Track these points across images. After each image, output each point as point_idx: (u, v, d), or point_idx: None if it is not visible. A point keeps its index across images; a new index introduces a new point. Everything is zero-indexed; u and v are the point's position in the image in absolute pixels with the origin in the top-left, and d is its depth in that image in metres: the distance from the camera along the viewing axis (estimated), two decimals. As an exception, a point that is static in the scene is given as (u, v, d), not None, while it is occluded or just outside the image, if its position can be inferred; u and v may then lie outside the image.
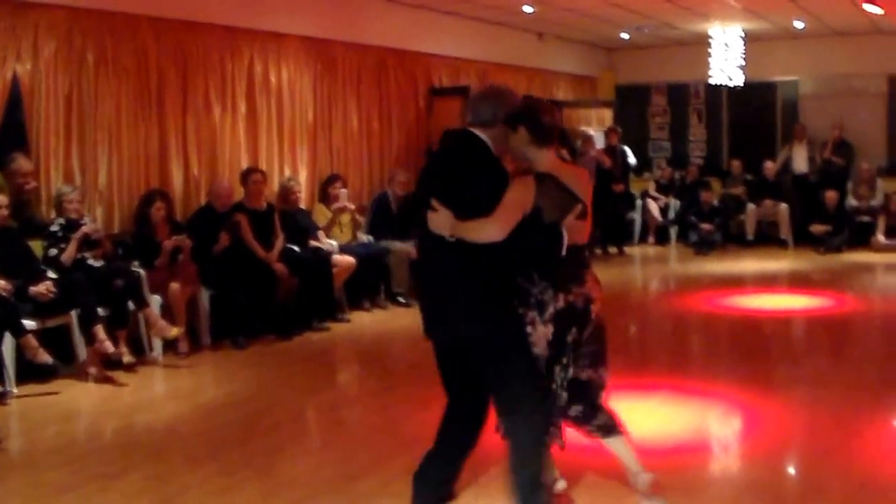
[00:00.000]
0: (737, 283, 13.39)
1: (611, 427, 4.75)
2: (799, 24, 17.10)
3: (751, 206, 16.95)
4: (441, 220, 4.33)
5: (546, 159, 4.54)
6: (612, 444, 4.79)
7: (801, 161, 17.56)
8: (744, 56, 17.29)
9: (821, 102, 18.71)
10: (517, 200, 4.30)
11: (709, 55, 17.29)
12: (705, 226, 16.37)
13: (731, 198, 17.32)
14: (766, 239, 16.83)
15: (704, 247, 16.11)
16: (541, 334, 4.50)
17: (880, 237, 15.77)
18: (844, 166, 17.18)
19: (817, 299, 11.80)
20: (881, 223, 15.89)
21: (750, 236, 16.86)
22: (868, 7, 13.45)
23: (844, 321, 10.65)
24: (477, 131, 4.46)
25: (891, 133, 18.55)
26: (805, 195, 16.96)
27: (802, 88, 19.28)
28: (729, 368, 8.47)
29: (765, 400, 7.09)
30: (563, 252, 4.37)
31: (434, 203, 4.35)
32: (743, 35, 17.22)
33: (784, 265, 15.00)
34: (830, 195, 16.27)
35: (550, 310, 4.50)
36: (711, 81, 17.60)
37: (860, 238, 15.96)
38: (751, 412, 6.87)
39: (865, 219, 16.19)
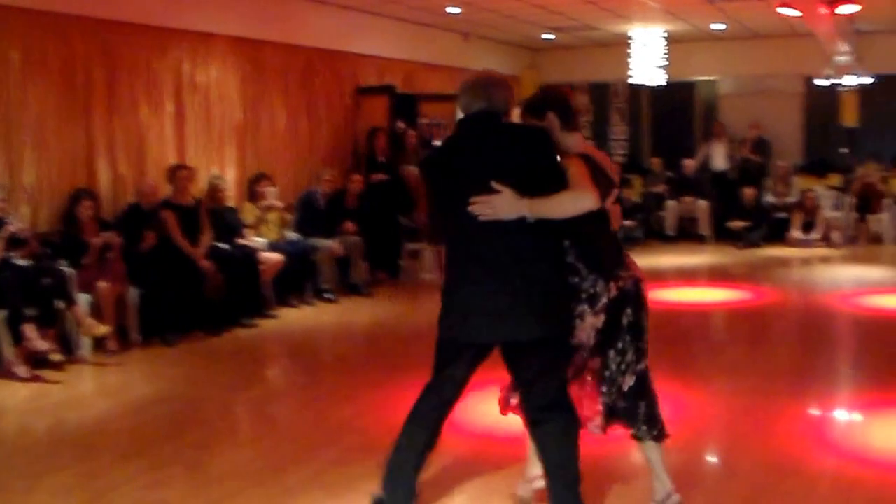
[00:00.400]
0: (658, 277, 13.65)
1: (661, 432, 4.69)
2: (718, 27, 17.49)
3: (671, 203, 17.31)
4: (508, 202, 4.07)
5: (578, 142, 4.51)
6: (651, 450, 4.71)
7: (720, 159, 17.97)
8: (664, 56, 17.68)
9: (739, 102, 19.19)
10: (584, 174, 4.19)
11: (630, 56, 17.63)
12: (627, 222, 16.67)
13: (653, 195, 17.68)
14: (687, 234, 17.23)
15: (626, 243, 16.32)
16: (588, 325, 4.43)
17: (796, 233, 16.22)
18: (762, 164, 17.63)
19: (736, 292, 12.14)
20: (797, 219, 16.34)
21: (670, 232, 17.23)
22: (783, 10, 13.79)
23: (761, 313, 10.97)
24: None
25: (806, 132, 19.11)
26: (724, 192, 17.36)
27: (722, 88, 19.78)
28: (650, 359, 8.68)
29: (685, 389, 7.29)
30: (615, 232, 4.46)
31: (496, 185, 4.07)
32: (664, 36, 17.60)
33: (703, 259, 15.37)
34: (748, 192, 16.69)
35: (603, 300, 4.41)
36: (633, 81, 17.98)
37: (777, 233, 16.40)
38: (671, 401, 7.07)
39: (782, 215, 16.64)
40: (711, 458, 5.99)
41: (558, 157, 4.29)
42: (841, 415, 7.04)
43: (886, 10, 15.76)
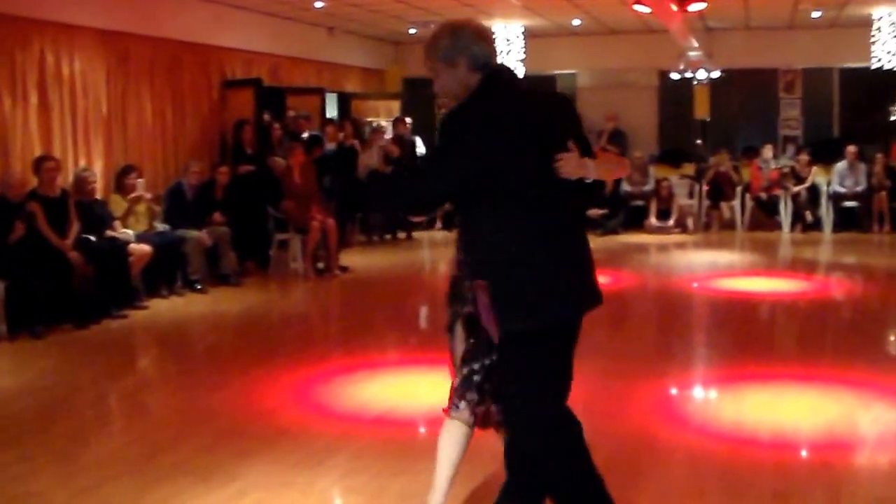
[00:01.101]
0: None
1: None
2: (576, 22, 18.03)
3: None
4: (582, 161, 3.69)
5: None
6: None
7: (579, 149, 18.49)
8: (524, 51, 18.16)
9: (597, 95, 19.76)
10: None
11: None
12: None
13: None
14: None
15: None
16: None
17: (652, 220, 16.88)
18: (619, 154, 18.21)
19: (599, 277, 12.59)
20: (653, 207, 17.00)
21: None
22: (638, 7, 14.33)
23: (621, 297, 11.38)
24: None
25: (661, 124, 19.85)
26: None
27: (580, 81, 20.38)
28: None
29: None
30: None
31: (571, 145, 3.67)
32: (524, 31, 18.07)
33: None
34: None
35: None
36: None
37: (634, 221, 17.04)
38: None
39: (639, 203, 17.25)
40: None
41: None
42: (695, 392, 7.40)
43: (733, 8, 16.52)
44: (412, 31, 18.68)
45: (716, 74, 19.14)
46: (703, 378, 7.78)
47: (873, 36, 17.14)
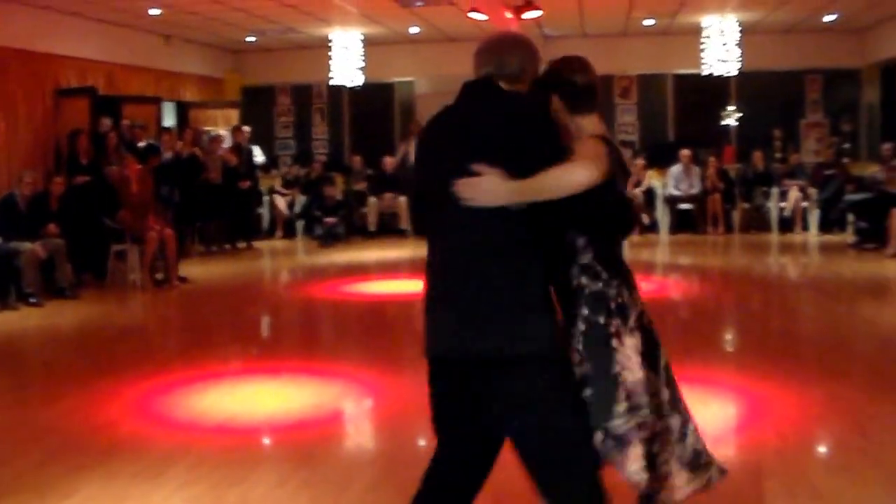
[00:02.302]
0: (362, 271, 14.19)
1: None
2: (414, 30, 18.21)
3: (372, 200, 17.90)
4: (494, 185, 3.23)
5: (592, 126, 3.66)
6: None
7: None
8: (363, 58, 18.26)
9: (436, 102, 19.45)
10: (599, 153, 3.41)
11: (330, 58, 18.12)
12: (330, 219, 17.12)
13: (354, 192, 18.22)
14: (388, 230, 17.87)
15: (329, 239, 16.86)
16: (630, 349, 3.51)
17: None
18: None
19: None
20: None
21: (372, 228, 17.83)
22: (474, 15, 14.60)
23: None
24: (503, 85, 3.53)
25: (499, 130, 20.09)
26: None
27: (418, 88, 20.58)
28: (356, 349, 9.12)
29: (383, 375, 7.68)
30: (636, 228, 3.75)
31: (479, 168, 3.24)
32: (362, 39, 18.18)
33: (405, 253, 15.95)
34: (445, 188, 17.45)
35: (633, 315, 3.55)
36: (333, 82, 18.48)
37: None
38: (374, 387, 7.49)
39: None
40: (411, 439, 6.22)
41: (558, 139, 3.47)
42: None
43: (569, 16, 16.94)
44: (250, 39, 18.60)
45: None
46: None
47: (703, 43, 17.78)
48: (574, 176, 3.22)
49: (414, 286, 11.32)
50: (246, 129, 17.68)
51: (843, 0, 15.58)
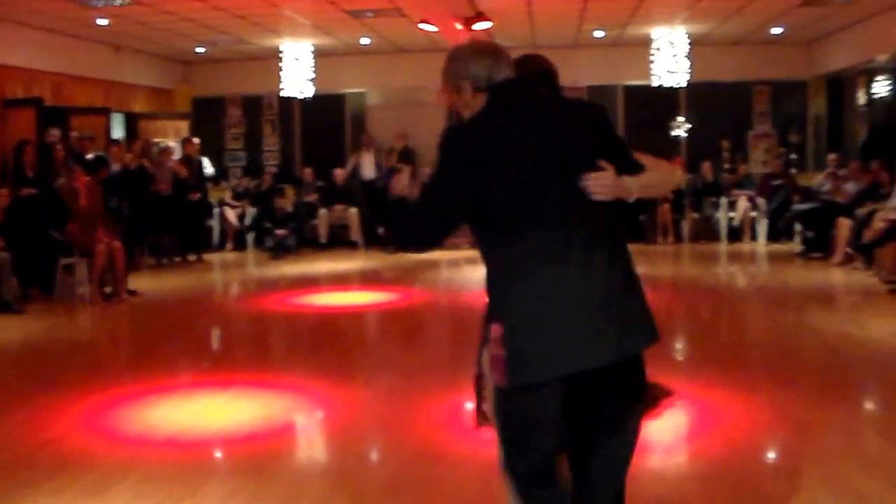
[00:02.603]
0: (313, 283, 14.15)
1: None
2: (365, 41, 18.22)
3: (323, 211, 17.87)
4: (618, 179, 3.34)
5: None
6: None
7: (368, 168, 18.69)
8: (314, 70, 18.25)
9: (387, 113, 20.00)
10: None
11: (281, 69, 18.10)
12: (280, 231, 17.06)
13: (305, 204, 18.16)
14: (339, 241, 17.84)
15: (280, 251, 16.80)
16: None
17: (442, 237, 17.11)
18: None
19: (388, 294, 12.78)
20: (442, 224, 17.23)
21: (323, 239, 17.79)
22: (424, 26, 14.63)
23: (412, 313, 11.60)
24: None
25: (449, 141, 20.14)
26: (373, 199, 18.07)
27: (369, 100, 20.57)
28: (307, 361, 9.05)
29: (337, 387, 7.64)
30: None
31: (602, 163, 3.31)
32: (313, 50, 18.17)
33: (356, 265, 15.99)
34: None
35: None
36: (284, 94, 18.46)
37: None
38: (325, 400, 7.46)
39: (429, 220, 17.47)
40: (357, 449, 6.30)
41: None
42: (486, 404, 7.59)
43: (520, 28, 17.03)
44: (200, 50, 18.52)
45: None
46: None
47: (653, 55, 17.94)
48: (676, 176, 3.63)
49: (366, 298, 11.43)
50: (196, 140, 17.57)
51: (789, 14, 15.78)
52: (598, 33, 18.06)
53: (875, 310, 10.62)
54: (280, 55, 18.22)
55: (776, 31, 17.62)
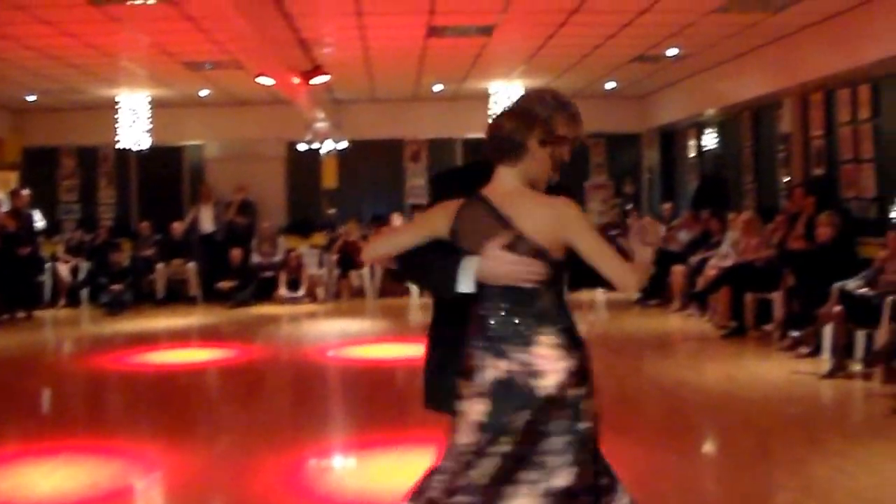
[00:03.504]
0: (150, 340, 13.75)
1: None
2: (204, 93, 17.99)
3: (160, 266, 17.45)
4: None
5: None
6: None
7: (207, 221, 18.38)
8: (151, 121, 17.92)
9: (226, 165, 19.78)
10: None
11: (117, 120, 17.71)
12: (116, 286, 16.59)
13: (141, 258, 17.70)
14: (177, 296, 17.42)
15: (116, 307, 16.28)
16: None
17: (282, 291, 16.96)
18: (248, 225, 18.28)
19: (227, 351, 12.50)
20: (283, 278, 17.09)
21: (161, 294, 17.33)
22: (262, 80, 14.52)
23: (252, 369, 11.37)
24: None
25: (289, 194, 20.10)
26: (212, 253, 17.78)
27: (208, 152, 20.32)
28: (142, 422, 8.74)
29: (173, 449, 7.38)
30: None
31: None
32: (150, 101, 17.84)
33: (194, 320, 15.64)
34: (235, 253, 17.24)
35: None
36: (120, 145, 18.06)
37: (265, 292, 17.04)
38: (160, 461, 7.20)
39: (269, 274, 17.30)
40: None
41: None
42: (321, 462, 7.40)
43: (359, 81, 17.09)
44: (31, 98, 17.94)
45: (343, 145, 19.67)
46: (331, 447, 7.87)
47: (490, 108, 18.16)
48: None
49: (205, 355, 11.17)
50: (25, 192, 16.98)
51: (622, 69, 16.23)
52: (437, 87, 18.24)
53: (710, 355, 10.90)
54: (116, 105, 17.82)
55: (610, 85, 18.10)
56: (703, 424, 8.03)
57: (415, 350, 12.23)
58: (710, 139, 18.12)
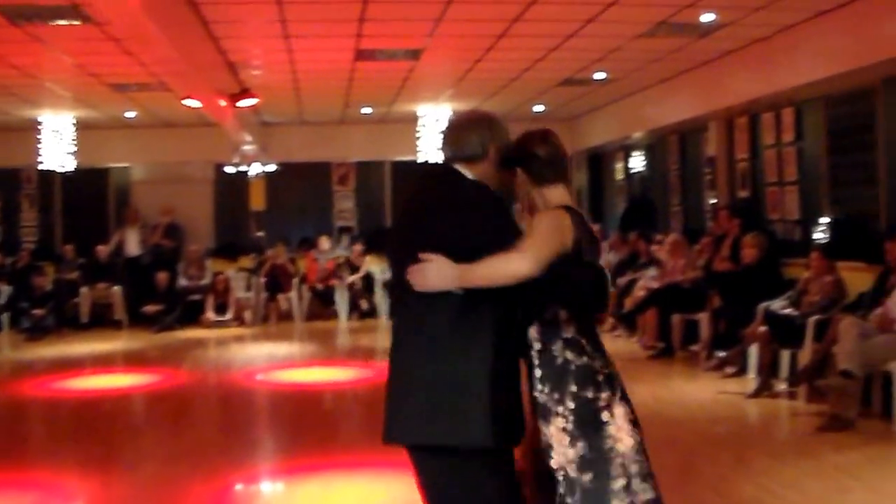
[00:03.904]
0: (73, 365, 13.49)
1: None
2: (130, 114, 17.79)
3: (84, 290, 17.15)
4: (438, 271, 3.43)
5: (558, 196, 3.74)
6: None
7: (133, 244, 18.17)
8: (76, 143, 17.67)
9: (152, 188, 19.56)
10: (554, 228, 3.53)
11: (40, 141, 17.44)
12: (38, 311, 16.26)
13: (65, 282, 17.38)
14: (101, 321, 17.13)
15: (37, 332, 15.92)
16: (621, 418, 3.58)
17: (210, 314, 16.77)
18: (175, 248, 18.09)
19: (153, 376, 12.30)
20: (210, 301, 16.90)
21: (85, 319, 17.02)
22: (189, 102, 14.38)
23: (179, 394, 11.20)
24: (460, 167, 3.69)
25: (217, 216, 19.94)
26: (138, 277, 17.54)
27: (134, 175, 20.11)
28: (64, 451, 8.54)
29: (93, 479, 7.26)
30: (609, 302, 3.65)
31: (424, 255, 3.43)
32: (74, 122, 17.60)
33: (119, 345, 15.40)
34: (162, 276, 17.02)
35: (620, 385, 3.66)
36: (43, 167, 17.77)
37: (191, 316, 16.83)
38: (82, 491, 7.08)
39: (196, 297, 17.10)
40: None
41: (503, 222, 3.59)
42: (249, 488, 7.33)
43: (287, 104, 17.01)
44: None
45: (271, 167, 19.56)
46: (259, 473, 7.78)
47: (419, 131, 18.19)
48: (510, 266, 3.34)
49: (130, 380, 11.01)
50: None
51: (550, 92, 16.33)
52: (366, 110, 18.22)
53: (637, 375, 10.92)
54: (39, 126, 17.54)
55: (538, 108, 18.20)
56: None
57: (344, 373, 12.26)
58: (637, 162, 18.30)
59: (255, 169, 19.41)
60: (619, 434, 3.51)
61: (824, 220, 11.74)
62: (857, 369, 8.12)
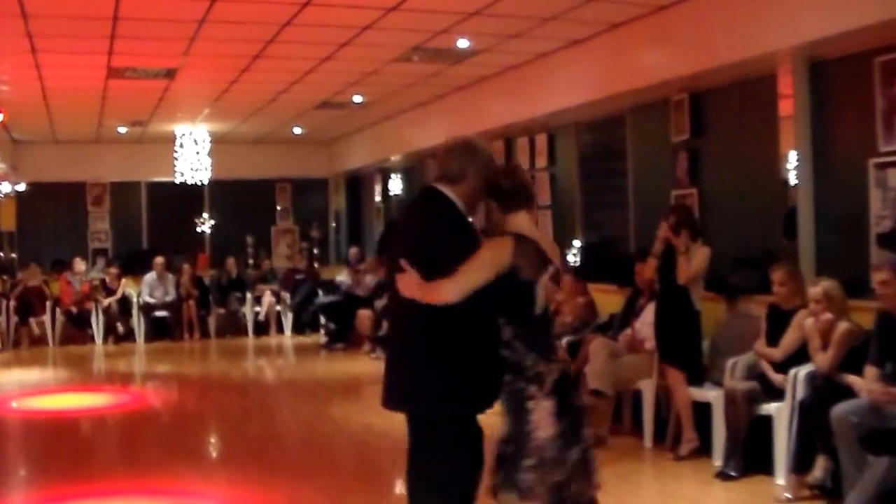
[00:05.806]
0: None
1: None
2: None
3: None
4: (408, 282, 4.12)
5: (520, 222, 4.28)
6: None
7: None
8: None
9: None
10: (488, 260, 4.09)
11: None
12: None
13: None
14: None
15: None
16: (544, 411, 4.10)
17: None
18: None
19: None
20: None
21: None
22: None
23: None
24: (442, 187, 4.29)
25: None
26: None
27: None
28: None
29: None
30: (537, 310, 4.16)
31: (403, 264, 4.10)
32: None
33: None
34: None
35: (549, 381, 4.12)
36: None
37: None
38: None
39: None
40: None
41: (468, 234, 4.30)
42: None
43: (37, 122, 16.44)
44: None
45: (22, 187, 18.84)
46: (11, 503, 7.51)
47: (176, 152, 17.86)
48: (436, 293, 4.02)
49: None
50: None
51: (307, 114, 16.40)
52: (122, 129, 17.81)
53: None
54: None
55: (297, 130, 18.25)
56: (390, 468, 8.15)
57: (101, 398, 11.97)
58: (395, 184, 18.62)
59: (4, 188, 18.65)
60: (541, 423, 4.07)
61: (577, 242, 12.24)
62: (608, 388, 8.43)
